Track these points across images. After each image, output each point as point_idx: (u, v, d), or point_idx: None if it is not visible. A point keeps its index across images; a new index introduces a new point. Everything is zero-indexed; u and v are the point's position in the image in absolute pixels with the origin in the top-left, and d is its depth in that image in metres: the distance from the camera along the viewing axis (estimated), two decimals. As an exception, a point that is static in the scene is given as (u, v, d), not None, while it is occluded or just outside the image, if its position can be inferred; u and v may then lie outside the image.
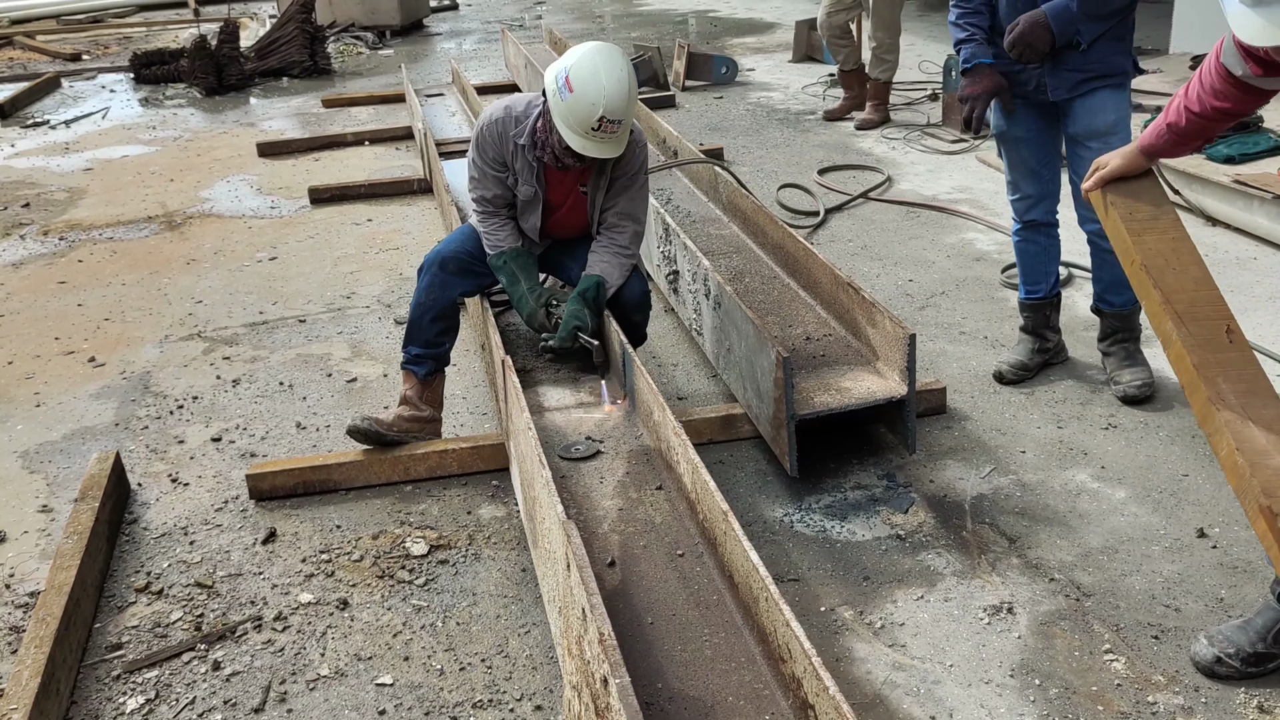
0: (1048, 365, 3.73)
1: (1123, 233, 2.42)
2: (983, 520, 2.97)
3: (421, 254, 5.11)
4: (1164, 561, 2.75)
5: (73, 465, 3.49)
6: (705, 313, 3.72)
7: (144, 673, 2.56)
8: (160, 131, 8.00)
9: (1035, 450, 3.28)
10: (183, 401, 3.88)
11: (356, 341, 4.29)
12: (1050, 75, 3.33)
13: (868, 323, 3.37)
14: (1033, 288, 3.69)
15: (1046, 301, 3.68)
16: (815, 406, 3.12)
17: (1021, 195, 3.60)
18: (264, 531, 3.07)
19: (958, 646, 2.50)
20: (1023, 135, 3.51)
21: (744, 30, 10.86)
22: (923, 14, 10.80)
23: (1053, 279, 3.68)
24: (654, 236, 4.32)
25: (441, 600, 2.77)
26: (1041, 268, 3.67)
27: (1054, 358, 3.75)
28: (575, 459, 3.04)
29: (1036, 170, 3.54)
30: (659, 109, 7.37)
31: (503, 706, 2.41)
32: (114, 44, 12.43)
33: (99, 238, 5.70)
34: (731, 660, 2.21)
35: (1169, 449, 3.24)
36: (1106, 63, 3.29)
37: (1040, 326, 3.70)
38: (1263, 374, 2.20)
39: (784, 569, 2.81)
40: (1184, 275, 2.33)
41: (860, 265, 4.72)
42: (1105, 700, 2.32)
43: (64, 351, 4.36)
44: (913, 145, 6.44)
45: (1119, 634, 2.51)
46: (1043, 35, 3.20)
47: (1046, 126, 3.48)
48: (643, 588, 2.47)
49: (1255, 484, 2.02)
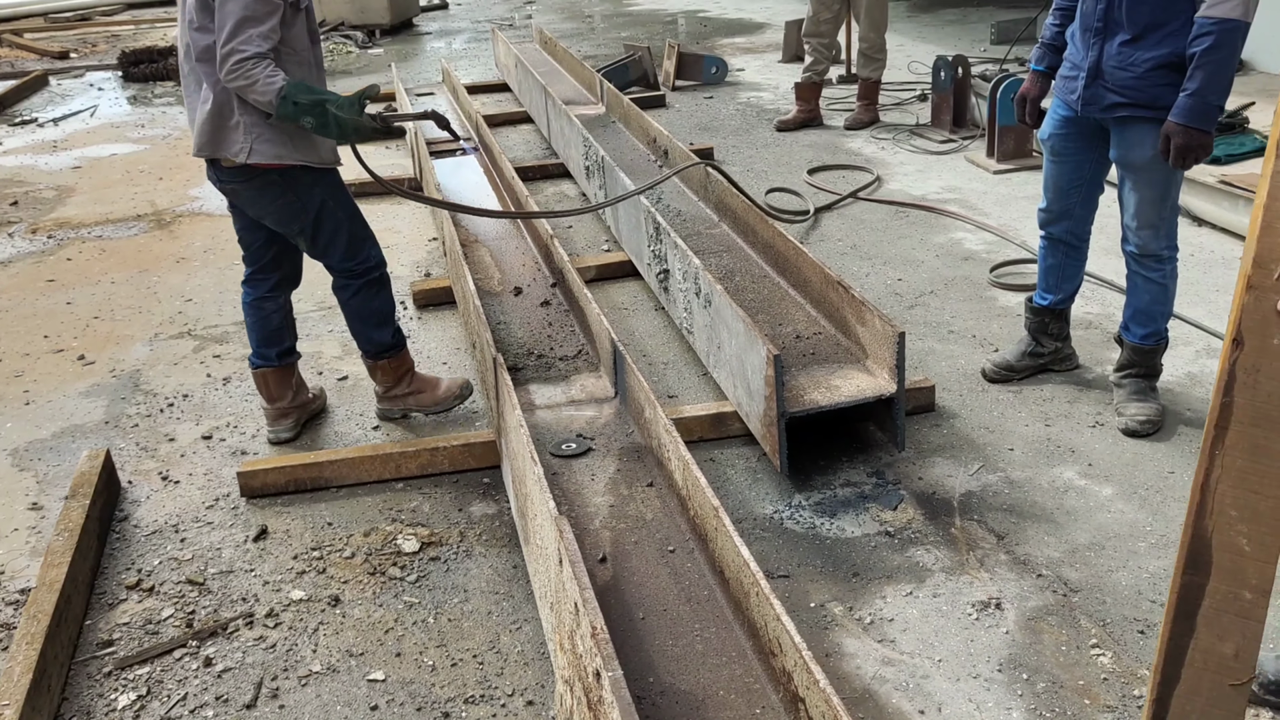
0: (1044, 371, 3.70)
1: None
2: (971, 517, 2.99)
3: (412, 252, 5.13)
4: (1150, 557, 2.77)
5: (63, 463, 3.49)
6: (696, 311, 3.74)
7: (135, 669, 2.56)
8: (149, 130, 7.98)
9: (1023, 448, 3.30)
10: (173, 399, 3.88)
11: (346, 340, 4.28)
12: (1087, 88, 3.22)
13: (857, 321, 3.39)
14: (1041, 294, 3.65)
15: (1049, 310, 3.63)
16: (805, 404, 3.14)
17: (1045, 207, 3.53)
18: (255, 529, 3.07)
19: (946, 641, 2.52)
20: (1062, 151, 3.42)
21: (734, 30, 10.88)
22: (912, 14, 10.84)
23: (1063, 294, 3.61)
24: (644, 236, 4.34)
25: (433, 597, 2.77)
26: (1053, 279, 3.61)
27: (1051, 364, 3.70)
28: (566, 456, 3.06)
29: (1064, 189, 3.45)
30: (649, 108, 7.38)
31: (494, 702, 2.42)
32: (102, 42, 12.39)
33: (88, 236, 5.68)
34: (722, 655, 2.23)
35: (1155, 446, 3.26)
36: (1148, 92, 3.11)
37: (1037, 331, 3.67)
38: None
39: (774, 565, 2.82)
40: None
41: (850, 264, 4.75)
42: (1091, 694, 2.35)
43: (53, 350, 4.35)
44: (902, 145, 6.47)
45: (1105, 629, 2.54)
46: (1196, 136, 3.00)
47: (1089, 151, 3.37)
48: (634, 583, 2.48)
49: None
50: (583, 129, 5.57)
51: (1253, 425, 1.90)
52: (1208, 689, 1.94)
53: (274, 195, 3.19)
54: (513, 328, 3.98)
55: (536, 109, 7.05)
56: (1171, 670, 1.99)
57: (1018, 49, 7.81)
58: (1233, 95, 5.89)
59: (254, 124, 3.03)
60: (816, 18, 6.91)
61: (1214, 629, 1.97)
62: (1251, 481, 1.92)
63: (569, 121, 5.82)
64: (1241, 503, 1.94)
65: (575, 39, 10.78)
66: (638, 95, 7.54)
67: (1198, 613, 1.98)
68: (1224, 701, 1.93)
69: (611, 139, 6.15)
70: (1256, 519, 1.91)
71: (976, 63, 7.71)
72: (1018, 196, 5.46)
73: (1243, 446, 1.91)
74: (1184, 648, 1.97)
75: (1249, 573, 1.94)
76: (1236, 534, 1.96)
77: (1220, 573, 1.97)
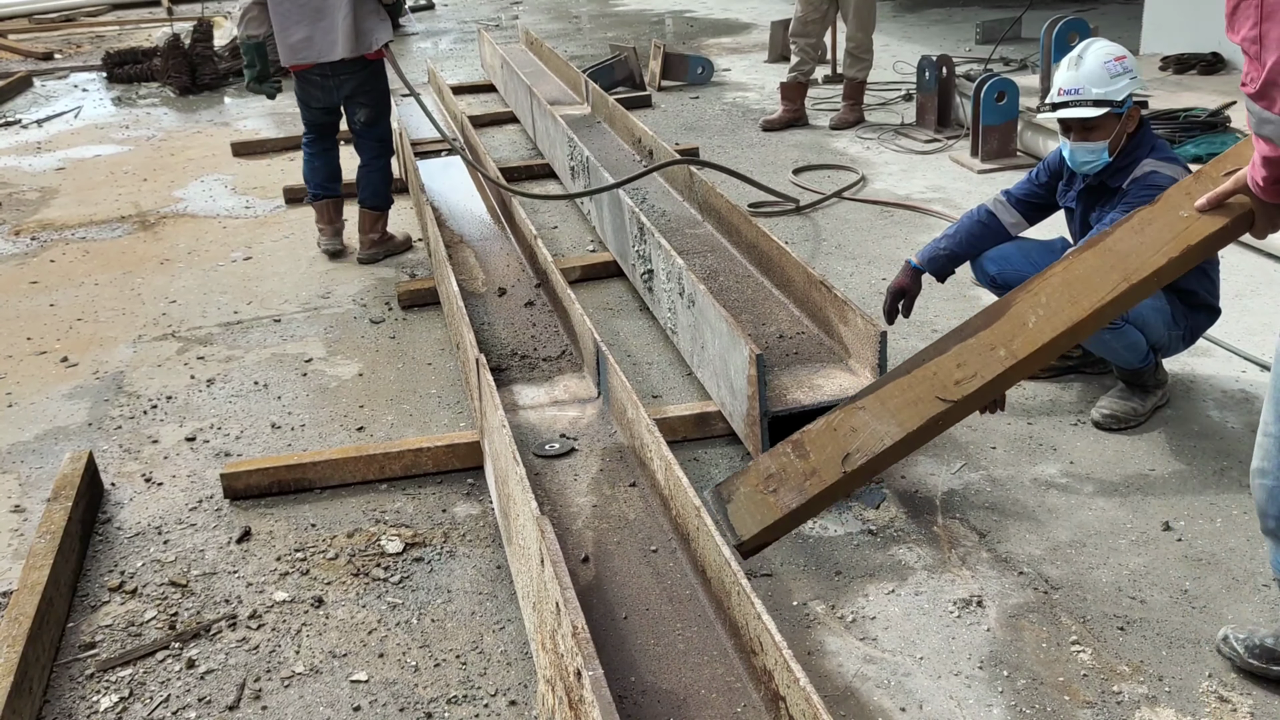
0: (1073, 372, 3.67)
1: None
2: (953, 515, 3.00)
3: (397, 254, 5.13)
4: (1130, 554, 2.79)
5: (45, 465, 3.48)
6: (680, 311, 3.75)
7: (118, 671, 2.55)
8: (133, 131, 7.96)
9: (1005, 446, 3.32)
10: (156, 401, 3.87)
11: (332, 341, 4.28)
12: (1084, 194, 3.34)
13: (840, 320, 3.41)
14: None
15: None
16: (788, 403, 3.15)
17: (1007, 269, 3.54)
18: (239, 530, 3.07)
19: (928, 639, 2.54)
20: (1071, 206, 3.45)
21: (720, 31, 10.89)
22: (897, 14, 10.87)
23: None
24: (629, 236, 4.35)
25: (416, 597, 2.77)
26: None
27: (1082, 365, 3.66)
28: (550, 456, 3.06)
29: (1034, 261, 3.42)
30: (635, 109, 7.39)
31: (477, 702, 2.42)
32: (86, 43, 12.34)
33: (71, 237, 5.66)
34: (704, 654, 2.24)
35: (1135, 444, 3.28)
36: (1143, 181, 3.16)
37: None
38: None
39: (756, 564, 2.83)
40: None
41: (833, 264, 4.76)
42: (1071, 690, 2.36)
43: (36, 351, 4.33)
44: (886, 145, 6.48)
45: (1085, 625, 2.55)
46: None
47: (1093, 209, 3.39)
48: (616, 583, 2.49)
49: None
50: (567, 129, 5.58)
51: (1102, 253, 2.44)
52: (920, 391, 2.52)
53: (372, 75, 4.83)
54: (496, 328, 3.99)
55: (522, 109, 7.05)
56: (908, 368, 2.59)
57: (1002, 49, 7.84)
58: (1213, 94, 5.96)
59: (374, 27, 4.64)
60: (804, 18, 6.92)
61: (958, 358, 2.52)
62: (1075, 291, 2.42)
63: (554, 122, 5.82)
64: (1058, 296, 2.44)
65: (562, 39, 10.78)
66: (623, 95, 7.55)
67: (960, 343, 2.54)
68: (923, 406, 2.50)
69: (596, 139, 6.15)
70: (1053, 314, 2.43)
71: (961, 63, 7.74)
72: (1001, 196, 5.48)
73: (1091, 263, 2.43)
74: (928, 358, 2.56)
75: (1016, 340, 2.46)
76: (1032, 310, 2.47)
77: (998, 328, 2.50)
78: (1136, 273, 2.35)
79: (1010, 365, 2.45)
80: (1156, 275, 2.34)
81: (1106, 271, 2.40)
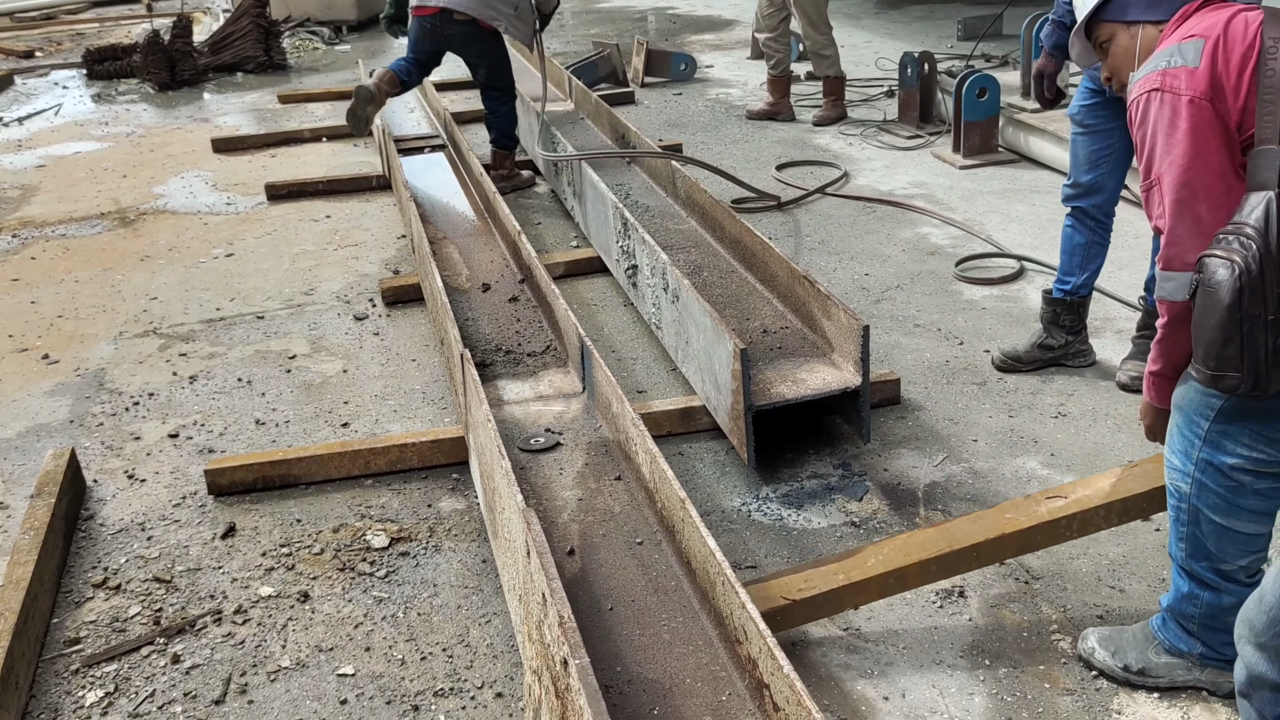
0: (1054, 365, 3.70)
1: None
2: (935, 507, 3.03)
3: (380, 250, 5.13)
4: (1110, 545, 2.82)
5: (27, 462, 3.46)
6: (664, 307, 3.76)
7: (103, 667, 2.55)
8: (113, 128, 7.91)
9: (987, 439, 3.35)
10: (138, 398, 3.86)
11: (316, 338, 4.28)
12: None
13: (823, 315, 3.43)
14: (1061, 279, 3.65)
15: (1062, 302, 3.64)
16: (772, 398, 3.17)
17: (1072, 182, 3.56)
18: (223, 526, 3.07)
19: (910, 629, 2.56)
20: (1090, 123, 3.45)
21: (702, 27, 10.91)
22: (880, 11, 10.91)
23: (1086, 274, 3.62)
24: (613, 231, 4.36)
25: (402, 592, 2.78)
26: (1078, 259, 3.60)
27: (1062, 358, 3.70)
28: (535, 451, 3.07)
29: (1094, 160, 3.47)
30: (618, 105, 7.39)
31: (464, 694, 2.43)
32: (67, 40, 12.25)
33: (52, 235, 5.63)
34: (689, 643, 2.25)
35: (1115, 436, 3.32)
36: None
37: (1049, 322, 3.68)
38: None
39: (741, 557, 2.85)
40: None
41: (817, 259, 4.78)
42: (1052, 678, 2.39)
43: (17, 349, 4.31)
44: (869, 141, 6.52)
45: (1066, 614, 2.58)
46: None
47: (1117, 119, 3.34)
48: (602, 575, 2.50)
49: None
50: (551, 126, 5.58)
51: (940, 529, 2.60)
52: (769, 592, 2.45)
53: (488, 42, 5.56)
54: (481, 324, 3.99)
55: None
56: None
57: (984, 45, 7.88)
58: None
59: (504, 14, 5.44)
60: (760, 14, 7.03)
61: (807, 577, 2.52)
62: (910, 549, 2.55)
63: (537, 119, 5.83)
64: (897, 549, 2.54)
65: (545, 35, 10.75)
66: (607, 92, 7.56)
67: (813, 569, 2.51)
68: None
69: (580, 135, 6.16)
70: (887, 561, 2.51)
71: (943, 59, 7.78)
72: (983, 191, 5.53)
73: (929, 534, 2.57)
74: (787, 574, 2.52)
75: (854, 572, 2.48)
76: (874, 554, 2.52)
77: (846, 561, 2.52)
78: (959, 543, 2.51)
79: (842, 585, 2.49)
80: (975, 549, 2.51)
81: (935, 539, 2.53)
